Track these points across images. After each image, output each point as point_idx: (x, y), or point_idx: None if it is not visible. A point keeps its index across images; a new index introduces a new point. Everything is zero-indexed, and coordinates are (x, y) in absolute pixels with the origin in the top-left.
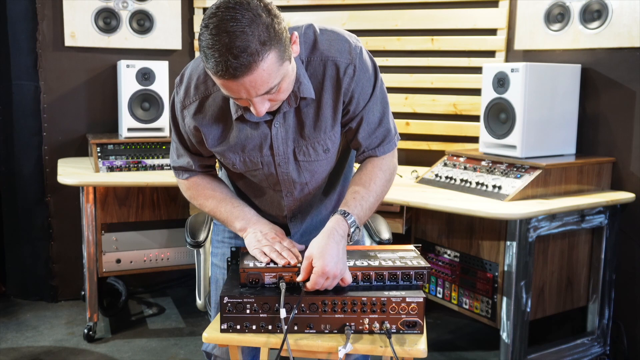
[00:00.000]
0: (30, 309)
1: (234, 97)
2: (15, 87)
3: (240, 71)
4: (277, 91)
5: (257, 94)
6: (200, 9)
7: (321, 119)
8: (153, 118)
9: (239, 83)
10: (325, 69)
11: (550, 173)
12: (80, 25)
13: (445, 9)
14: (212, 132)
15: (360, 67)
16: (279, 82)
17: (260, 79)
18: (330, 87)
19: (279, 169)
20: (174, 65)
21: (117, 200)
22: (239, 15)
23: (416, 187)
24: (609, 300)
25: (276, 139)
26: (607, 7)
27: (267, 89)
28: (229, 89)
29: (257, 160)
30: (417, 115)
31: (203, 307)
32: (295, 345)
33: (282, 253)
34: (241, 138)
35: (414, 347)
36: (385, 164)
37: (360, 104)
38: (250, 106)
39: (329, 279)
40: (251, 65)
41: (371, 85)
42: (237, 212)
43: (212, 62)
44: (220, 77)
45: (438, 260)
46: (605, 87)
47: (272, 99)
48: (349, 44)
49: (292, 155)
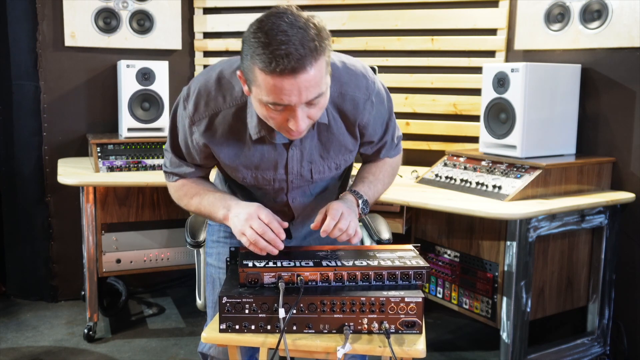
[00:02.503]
0: (30, 309)
1: (278, 104)
2: (15, 87)
3: (301, 62)
4: (317, 106)
5: (308, 97)
6: (200, 9)
7: (340, 144)
8: (153, 118)
9: (295, 81)
10: (344, 100)
11: (550, 173)
12: (80, 25)
13: (445, 9)
14: (225, 150)
15: (376, 100)
16: (323, 93)
17: (314, 79)
18: (349, 118)
19: (291, 185)
20: (174, 65)
21: (117, 200)
22: (291, 19)
23: (416, 187)
24: (609, 300)
25: (292, 159)
26: (607, 7)
27: (315, 94)
28: (280, 91)
29: (270, 177)
30: (417, 115)
31: (203, 307)
32: (293, 345)
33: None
34: (256, 157)
35: (412, 347)
36: (395, 161)
37: (377, 131)
38: (289, 122)
39: (341, 222)
40: (310, 57)
41: (387, 113)
42: (218, 202)
43: (270, 56)
44: (279, 72)
45: (438, 260)
46: (605, 87)
47: (310, 116)
48: (367, 80)
49: (307, 174)
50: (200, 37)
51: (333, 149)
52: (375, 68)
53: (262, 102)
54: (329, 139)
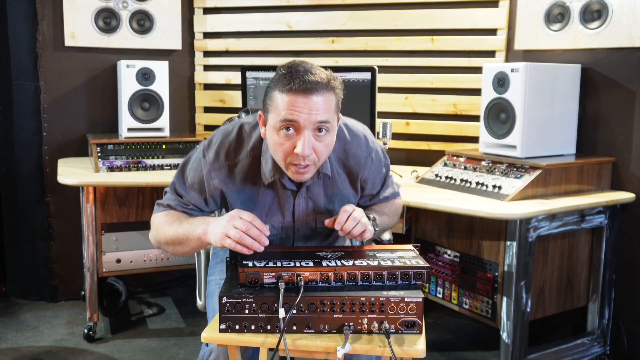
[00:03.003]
0: (30, 309)
1: (290, 120)
2: (15, 87)
3: (314, 85)
4: (322, 142)
5: (316, 119)
6: (200, 9)
7: (343, 197)
8: (153, 118)
9: (308, 99)
10: (347, 157)
11: (550, 173)
12: (80, 25)
13: (445, 9)
14: (240, 195)
15: (376, 158)
16: (330, 126)
17: (323, 103)
18: (352, 173)
19: (297, 233)
20: (174, 65)
21: (117, 200)
22: (312, 64)
23: (416, 187)
24: (609, 300)
25: (298, 207)
26: (607, 7)
27: (323, 119)
28: (293, 106)
29: (278, 225)
30: (417, 115)
31: (203, 308)
32: (293, 345)
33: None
34: (267, 201)
35: (412, 347)
36: (398, 202)
37: (376, 186)
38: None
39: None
40: (323, 86)
41: (384, 167)
42: (197, 222)
43: (289, 78)
44: (295, 90)
45: (438, 260)
46: (605, 87)
47: (316, 149)
48: (367, 140)
49: (312, 222)
50: (200, 37)
51: (337, 201)
52: (375, 68)
53: (275, 129)
54: (334, 192)
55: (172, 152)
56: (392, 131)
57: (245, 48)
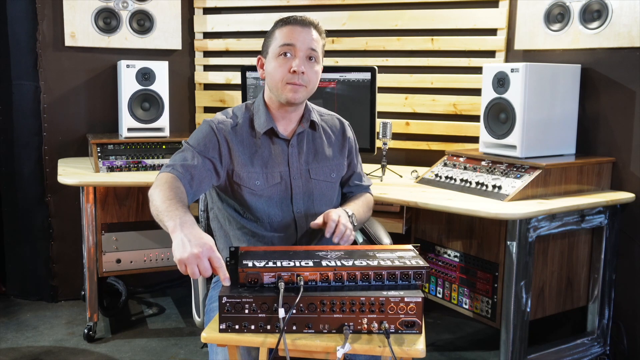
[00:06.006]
0: (30, 309)
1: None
2: (15, 87)
3: (308, 22)
4: (313, 69)
5: (309, 46)
6: (200, 9)
7: (330, 151)
8: (153, 118)
9: (303, 30)
10: (334, 122)
11: (550, 173)
12: (80, 25)
13: (445, 9)
14: (242, 148)
15: (353, 137)
16: (319, 58)
17: (315, 40)
18: (339, 135)
19: (294, 183)
20: (174, 65)
21: (117, 200)
22: None
23: (416, 187)
24: (609, 300)
25: (292, 155)
26: (607, 7)
27: (314, 48)
28: (291, 33)
29: (276, 174)
30: (417, 115)
31: (201, 325)
32: (293, 345)
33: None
34: (266, 153)
35: (412, 347)
36: (370, 196)
37: (354, 160)
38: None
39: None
40: (315, 26)
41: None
42: (177, 212)
43: (287, 17)
44: (293, 22)
45: (438, 260)
46: (605, 87)
47: (307, 73)
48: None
49: (306, 173)
50: (200, 37)
51: (326, 154)
52: (375, 68)
53: (275, 56)
54: (321, 145)
55: (172, 152)
56: (392, 131)
57: (245, 48)
